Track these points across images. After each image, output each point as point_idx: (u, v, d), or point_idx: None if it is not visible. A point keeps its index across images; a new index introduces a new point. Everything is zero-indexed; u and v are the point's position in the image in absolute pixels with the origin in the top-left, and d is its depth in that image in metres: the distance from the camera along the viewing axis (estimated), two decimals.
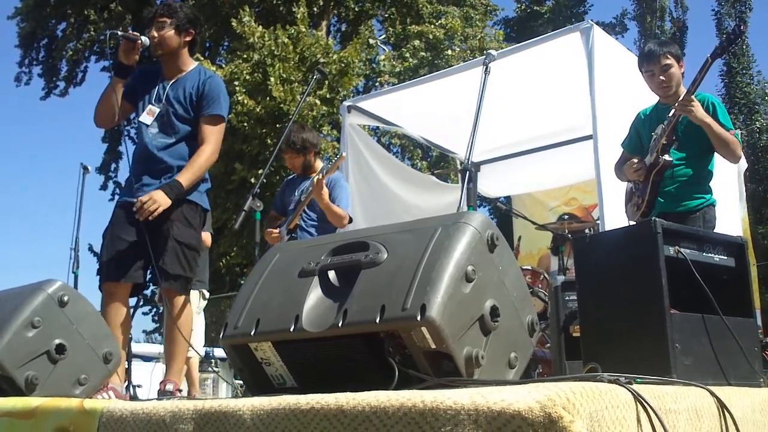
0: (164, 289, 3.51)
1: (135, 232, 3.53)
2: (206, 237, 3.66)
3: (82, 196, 6.32)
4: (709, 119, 3.57)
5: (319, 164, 4.88)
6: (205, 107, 3.66)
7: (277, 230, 4.68)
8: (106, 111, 3.71)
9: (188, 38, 3.74)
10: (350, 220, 4.70)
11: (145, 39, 3.60)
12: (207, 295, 6.54)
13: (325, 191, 4.48)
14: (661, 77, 3.77)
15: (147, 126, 3.65)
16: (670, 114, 3.64)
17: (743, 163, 6.24)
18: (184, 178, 3.53)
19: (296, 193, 4.85)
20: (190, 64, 3.79)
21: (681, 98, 3.56)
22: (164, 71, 3.76)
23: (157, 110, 3.65)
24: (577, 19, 18.40)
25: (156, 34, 3.65)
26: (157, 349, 11.32)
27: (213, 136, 3.64)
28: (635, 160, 3.83)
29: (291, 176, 5.24)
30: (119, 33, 3.58)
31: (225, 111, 3.73)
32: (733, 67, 20.77)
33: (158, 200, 3.42)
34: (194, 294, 6.23)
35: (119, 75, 3.64)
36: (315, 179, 4.48)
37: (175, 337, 3.54)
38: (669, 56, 3.76)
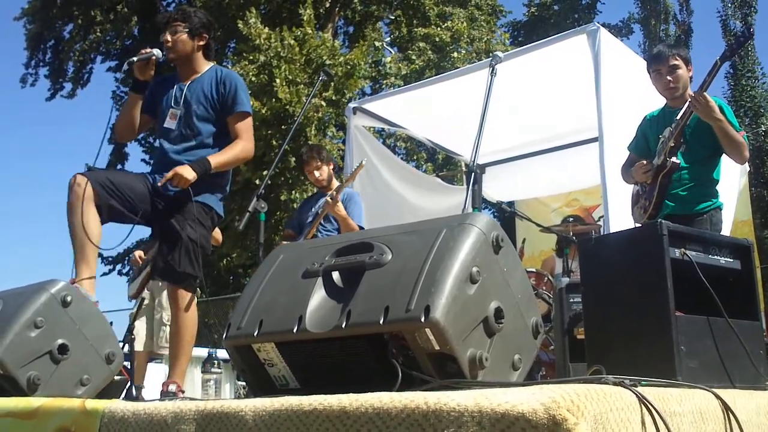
0: (172, 288, 3.50)
1: (148, 200, 3.48)
2: (217, 234, 3.68)
3: None
4: (720, 116, 3.54)
5: (335, 182, 5.28)
6: (232, 106, 3.67)
7: None
8: (127, 126, 3.74)
9: (201, 42, 3.76)
10: None
11: (157, 52, 3.59)
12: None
13: (340, 205, 4.84)
14: (668, 77, 3.76)
15: (170, 130, 3.64)
16: (678, 117, 3.63)
17: (745, 166, 6.21)
18: (215, 159, 3.54)
19: (313, 209, 5.19)
20: (205, 66, 3.79)
21: (695, 93, 3.53)
22: (179, 75, 3.77)
23: (178, 112, 3.65)
24: (583, 22, 18.36)
25: (170, 38, 3.67)
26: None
27: (246, 133, 3.70)
28: (644, 162, 3.81)
29: (308, 197, 5.66)
30: (135, 59, 3.57)
31: (249, 106, 3.77)
32: (738, 69, 20.70)
33: (184, 174, 3.40)
34: None
35: (136, 90, 3.66)
36: (329, 195, 4.88)
37: (178, 338, 3.52)
38: (678, 58, 3.75)
